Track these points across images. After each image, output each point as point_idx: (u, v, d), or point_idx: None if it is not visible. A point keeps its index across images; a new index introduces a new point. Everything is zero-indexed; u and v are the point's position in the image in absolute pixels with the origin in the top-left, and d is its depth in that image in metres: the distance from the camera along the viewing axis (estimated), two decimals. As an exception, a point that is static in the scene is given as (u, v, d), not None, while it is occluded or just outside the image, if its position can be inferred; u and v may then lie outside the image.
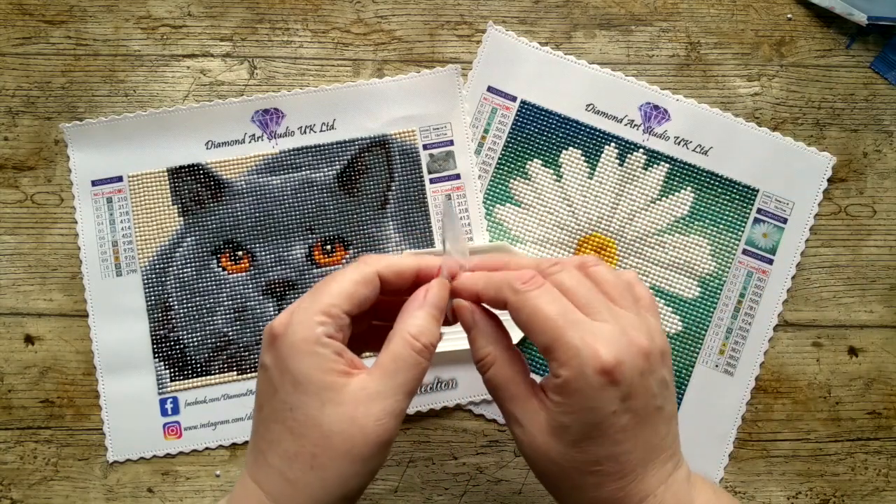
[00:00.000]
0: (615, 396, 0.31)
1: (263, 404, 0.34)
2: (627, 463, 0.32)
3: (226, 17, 0.52)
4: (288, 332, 0.33)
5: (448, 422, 0.50)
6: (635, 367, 0.31)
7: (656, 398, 0.33)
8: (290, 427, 0.32)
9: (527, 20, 0.52)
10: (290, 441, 0.32)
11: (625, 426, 0.32)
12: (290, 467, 0.32)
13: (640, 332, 0.32)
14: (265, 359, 0.33)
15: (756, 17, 0.52)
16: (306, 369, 0.32)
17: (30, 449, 0.49)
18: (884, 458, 0.50)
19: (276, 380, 0.33)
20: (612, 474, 0.32)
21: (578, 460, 0.32)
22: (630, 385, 0.31)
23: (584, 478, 0.33)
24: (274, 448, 0.33)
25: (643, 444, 0.33)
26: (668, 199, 0.51)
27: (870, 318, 0.50)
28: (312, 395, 0.32)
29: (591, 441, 0.32)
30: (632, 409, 0.32)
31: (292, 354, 0.32)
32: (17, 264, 0.50)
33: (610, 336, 0.31)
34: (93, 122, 0.50)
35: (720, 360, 0.50)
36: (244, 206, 0.50)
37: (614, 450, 0.32)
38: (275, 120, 0.51)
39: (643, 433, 0.32)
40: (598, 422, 0.31)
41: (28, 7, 0.52)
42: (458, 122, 0.51)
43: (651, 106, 0.51)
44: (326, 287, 0.34)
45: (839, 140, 0.51)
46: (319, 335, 0.32)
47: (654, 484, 0.33)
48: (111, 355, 0.49)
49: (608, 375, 0.31)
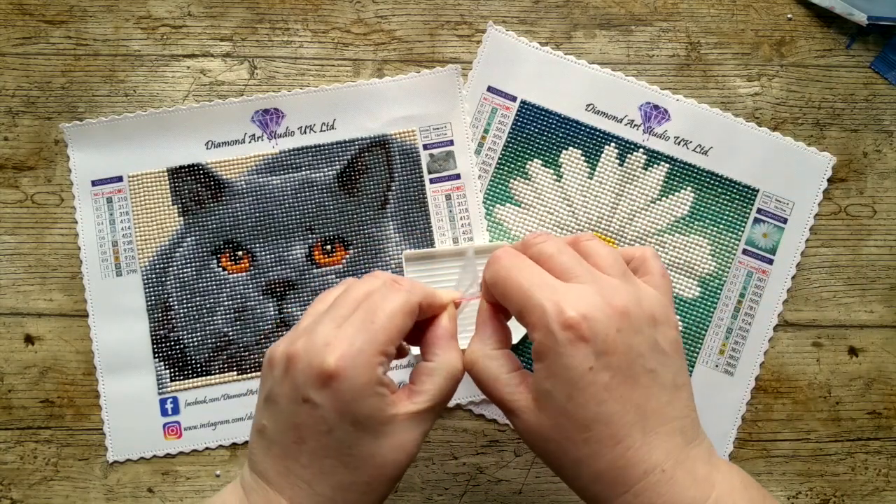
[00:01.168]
0: (588, 352, 0.31)
1: (308, 438, 0.33)
2: (620, 426, 0.31)
3: (226, 17, 0.52)
4: (348, 375, 0.32)
5: (448, 422, 0.50)
6: (609, 323, 0.31)
7: (644, 358, 0.32)
8: (346, 462, 0.33)
9: (527, 20, 0.52)
10: (345, 474, 0.33)
11: (607, 384, 0.31)
12: (342, 496, 0.34)
13: (620, 295, 0.32)
14: (314, 396, 0.33)
15: (756, 17, 0.52)
16: (368, 411, 0.33)
17: (30, 449, 0.49)
18: (884, 458, 0.50)
19: (332, 420, 0.33)
20: (605, 440, 0.31)
21: (568, 428, 0.32)
22: (604, 341, 0.31)
23: (579, 449, 0.32)
24: (326, 479, 0.34)
25: (634, 408, 0.32)
26: (668, 199, 0.51)
27: (870, 318, 0.50)
28: (370, 432, 0.33)
29: (573, 402, 0.31)
30: (611, 366, 0.31)
31: (355, 398, 0.33)
32: (17, 264, 0.50)
33: (580, 294, 0.32)
34: (93, 122, 0.50)
35: (720, 360, 0.50)
36: (244, 206, 0.50)
37: (600, 410, 0.31)
38: (275, 120, 0.51)
39: (632, 394, 0.31)
40: (576, 380, 0.31)
41: (28, 7, 0.52)
42: (458, 122, 0.51)
43: (651, 106, 0.51)
44: (380, 322, 0.34)
45: (839, 140, 0.51)
46: (381, 377, 0.33)
47: (660, 455, 0.31)
48: (111, 355, 0.49)
49: (573, 330, 0.31)
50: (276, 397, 0.34)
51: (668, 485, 0.31)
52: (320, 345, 0.33)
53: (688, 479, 0.31)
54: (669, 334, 0.34)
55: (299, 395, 0.33)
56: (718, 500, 0.31)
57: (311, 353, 0.33)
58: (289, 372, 0.34)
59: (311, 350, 0.33)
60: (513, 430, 0.49)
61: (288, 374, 0.34)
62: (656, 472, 0.31)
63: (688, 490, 0.31)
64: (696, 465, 0.32)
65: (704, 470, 0.32)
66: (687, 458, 0.32)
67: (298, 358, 0.33)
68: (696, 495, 0.31)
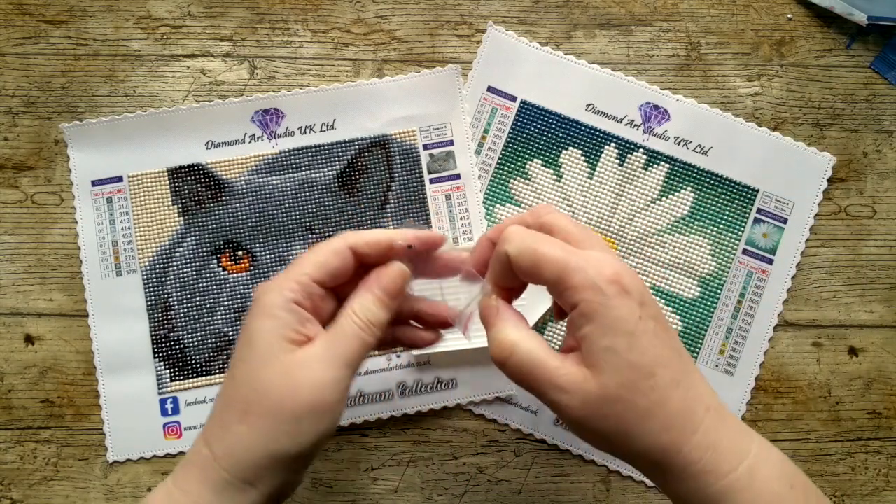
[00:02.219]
0: (634, 303, 0.32)
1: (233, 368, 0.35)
2: (676, 369, 0.32)
3: (226, 17, 0.52)
4: (261, 295, 0.35)
5: (448, 422, 0.50)
6: (636, 279, 0.33)
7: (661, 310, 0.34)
8: (233, 374, 0.34)
9: (527, 20, 0.52)
10: (230, 388, 0.34)
11: (655, 330, 0.32)
12: (223, 412, 0.34)
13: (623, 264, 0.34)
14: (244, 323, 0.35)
15: (756, 17, 0.52)
16: (261, 329, 0.34)
17: (30, 449, 0.49)
18: (884, 458, 0.50)
19: (240, 335, 0.35)
20: (669, 384, 0.32)
21: (636, 379, 0.32)
22: (640, 294, 0.32)
23: (648, 397, 0.32)
24: (219, 399, 0.35)
25: (677, 352, 0.33)
26: (668, 199, 0.51)
27: (870, 318, 0.50)
28: (259, 353, 0.34)
29: (636, 351, 0.32)
30: (652, 315, 0.32)
31: (257, 314, 0.34)
32: (17, 264, 0.50)
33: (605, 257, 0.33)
34: (93, 122, 0.50)
35: (720, 360, 0.50)
36: (244, 206, 0.50)
37: (658, 353, 0.32)
38: (275, 120, 0.51)
39: (672, 340, 0.33)
40: (631, 329, 0.32)
41: (28, 7, 0.52)
42: (458, 122, 0.51)
43: (651, 106, 0.51)
44: (304, 258, 0.36)
45: (839, 140, 0.51)
46: (286, 300, 0.34)
47: (707, 394, 0.33)
48: (111, 355, 0.49)
49: (618, 284, 0.32)
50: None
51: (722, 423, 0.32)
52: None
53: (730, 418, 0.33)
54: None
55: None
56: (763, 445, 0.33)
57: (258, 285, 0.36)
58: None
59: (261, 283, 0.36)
60: (514, 429, 0.49)
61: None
62: (711, 411, 0.32)
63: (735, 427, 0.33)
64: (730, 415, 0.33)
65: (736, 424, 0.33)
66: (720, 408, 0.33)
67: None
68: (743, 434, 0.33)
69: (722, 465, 0.31)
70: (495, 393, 0.49)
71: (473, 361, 0.49)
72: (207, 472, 0.33)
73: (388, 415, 0.49)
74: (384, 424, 0.49)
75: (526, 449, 0.49)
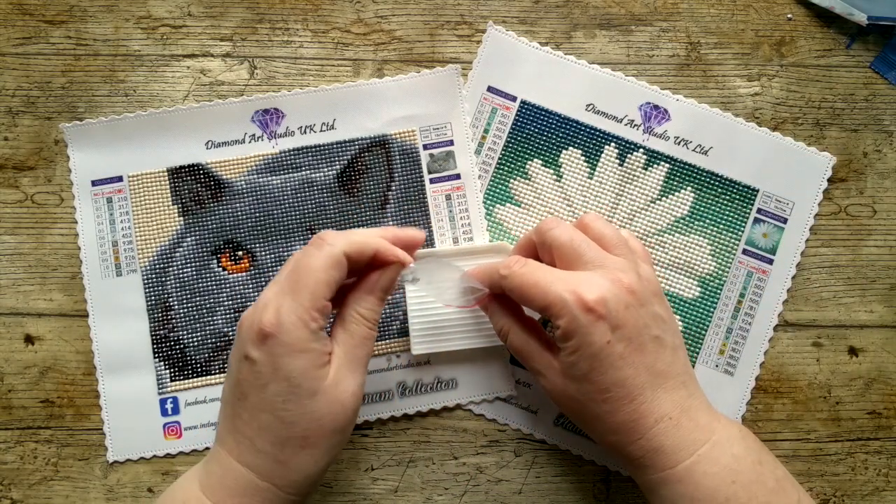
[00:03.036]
0: (605, 329, 0.36)
1: (249, 394, 0.36)
2: (634, 386, 0.36)
3: (226, 17, 0.52)
4: (282, 333, 0.35)
5: (448, 422, 0.50)
6: (619, 301, 0.36)
7: (650, 328, 0.37)
8: (282, 417, 0.35)
9: (527, 20, 0.52)
10: (282, 429, 0.35)
11: (622, 353, 0.36)
12: (281, 451, 0.35)
13: (626, 273, 0.38)
14: (252, 353, 0.35)
15: (756, 17, 0.52)
16: (301, 367, 0.35)
17: (30, 449, 0.49)
18: (884, 458, 0.50)
19: (268, 375, 0.35)
20: (622, 398, 0.36)
21: (591, 391, 0.37)
22: (617, 317, 0.36)
23: (599, 406, 0.37)
24: (264, 435, 0.35)
25: (646, 369, 0.37)
26: (668, 199, 0.51)
27: (870, 318, 0.50)
28: (305, 388, 0.35)
29: (595, 371, 0.36)
30: (625, 337, 0.36)
31: (287, 353, 0.35)
32: (17, 264, 0.50)
33: (591, 279, 0.37)
34: (93, 122, 0.50)
35: (720, 360, 0.50)
36: (244, 206, 0.50)
37: (617, 375, 0.36)
38: (275, 120, 0.51)
39: (643, 359, 0.37)
40: (597, 352, 0.36)
41: (28, 7, 0.52)
42: (458, 122, 0.51)
43: (651, 106, 0.51)
44: (304, 280, 0.36)
45: (839, 140, 0.51)
46: (313, 332, 0.35)
47: (668, 406, 0.37)
48: (111, 355, 0.49)
49: (593, 312, 0.36)
50: (230, 359, 0.37)
51: (675, 429, 0.36)
52: (260, 307, 0.36)
53: (691, 424, 0.37)
54: (664, 303, 0.40)
55: (242, 353, 0.36)
56: (717, 442, 0.37)
57: (253, 315, 0.36)
58: (238, 334, 0.37)
59: (254, 312, 0.36)
60: (514, 429, 0.49)
61: (238, 337, 0.37)
62: (665, 420, 0.37)
63: (691, 433, 0.37)
64: (699, 413, 0.37)
65: (706, 418, 0.37)
66: (690, 407, 0.37)
67: (244, 320, 0.36)
68: (698, 437, 0.36)
69: (662, 462, 0.36)
70: (495, 393, 0.49)
71: (473, 361, 0.49)
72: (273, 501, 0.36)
73: (388, 415, 0.49)
74: (384, 424, 0.49)
75: (526, 449, 0.49)
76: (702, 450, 0.36)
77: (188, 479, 0.38)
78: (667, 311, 0.40)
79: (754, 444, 0.38)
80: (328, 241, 0.37)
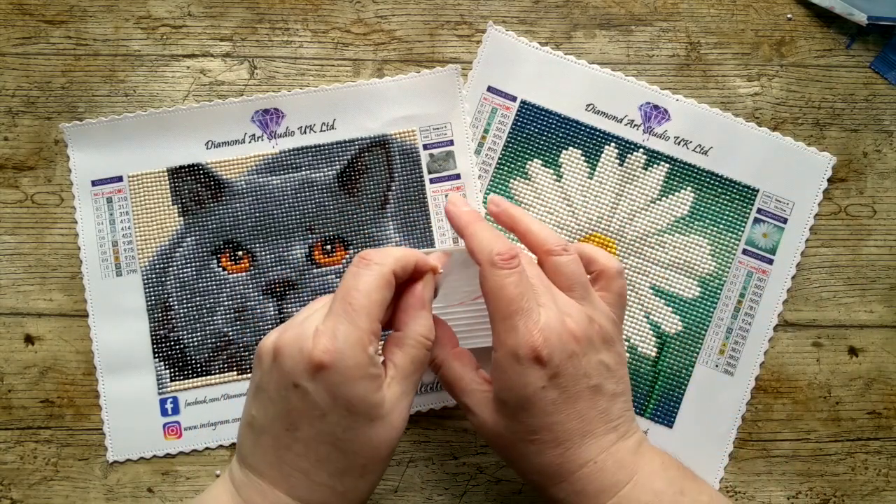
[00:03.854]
0: (542, 375, 0.35)
1: (301, 425, 0.34)
2: (562, 432, 0.36)
3: (226, 17, 0.52)
4: (340, 360, 0.33)
5: (448, 422, 0.50)
6: (564, 350, 0.35)
7: (590, 377, 0.36)
8: (341, 447, 0.34)
9: (527, 20, 0.52)
10: (341, 459, 0.34)
11: (554, 400, 0.36)
12: (341, 482, 0.34)
13: (574, 319, 0.36)
14: (304, 383, 0.33)
15: (756, 17, 0.52)
16: (361, 394, 0.34)
17: (30, 449, 0.49)
18: (884, 458, 0.50)
19: (325, 405, 0.33)
20: (549, 442, 0.36)
21: (518, 430, 0.36)
22: (557, 366, 0.35)
23: (526, 446, 0.37)
24: (322, 467, 0.34)
25: (577, 417, 0.36)
26: (668, 199, 0.51)
27: (870, 318, 0.50)
28: (364, 415, 0.34)
29: (525, 412, 0.36)
30: (560, 386, 0.36)
31: (346, 381, 0.33)
32: (17, 264, 0.50)
33: (547, 323, 0.35)
34: (93, 122, 0.50)
35: (720, 360, 0.50)
36: (244, 206, 0.50)
37: (546, 420, 0.36)
38: (275, 120, 0.51)
39: (576, 407, 0.36)
40: (528, 395, 0.35)
41: (28, 7, 0.52)
42: (458, 122, 0.51)
43: (651, 106, 0.51)
44: (358, 302, 0.34)
45: (839, 140, 0.51)
46: (371, 357, 0.34)
47: (594, 451, 0.36)
48: (111, 355, 0.49)
49: (536, 358, 0.35)
50: (265, 386, 0.35)
51: (598, 473, 0.36)
52: (308, 334, 0.34)
53: (615, 466, 0.36)
54: (614, 350, 0.38)
55: (289, 381, 0.34)
56: (638, 481, 0.36)
57: (300, 343, 0.34)
58: (277, 361, 0.34)
59: (300, 340, 0.34)
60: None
61: (276, 364, 0.34)
62: (589, 465, 0.36)
63: (614, 475, 0.36)
64: (625, 455, 0.37)
65: (631, 458, 0.37)
66: (617, 451, 0.37)
67: (287, 347, 0.34)
68: (620, 479, 0.36)
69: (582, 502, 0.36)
70: (495, 393, 0.49)
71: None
72: None
73: (388, 415, 0.49)
74: (384, 424, 0.49)
75: (526, 449, 0.49)
76: (623, 490, 0.36)
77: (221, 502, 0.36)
78: (616, 358, 0.38)
79: (677, 472, 0.38)
80: (375, 260, 0.36)
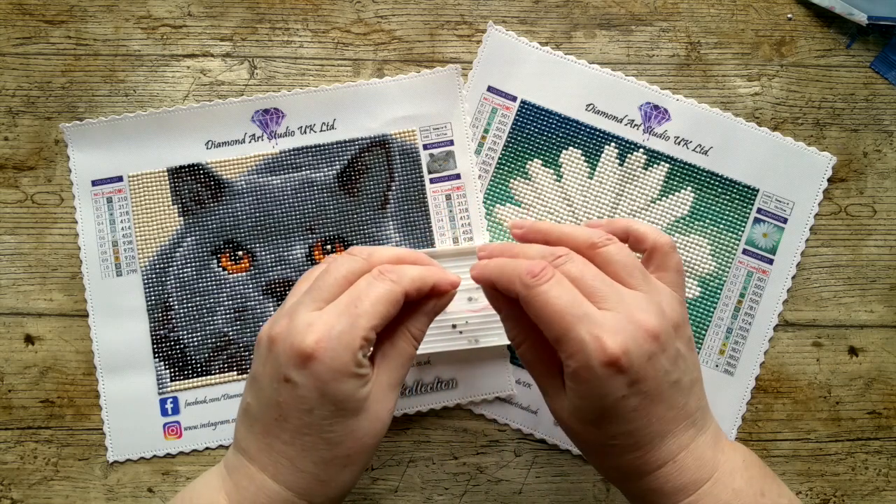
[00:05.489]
0: (623, 383, 0.33)
1: (290, 416, 0.35)
2: (642, 437, 0.34)
3: (226, 17, 0.52)
4: (327, 356, 0.34)
5: (448, 422, 0.50)
6: (642, 353, 0.33)
7: (669, 374, 0.34)
8: (327, 439, 0.35)
9: (527, 20, 0.52)
10: (326, 450, 0.35)
11: (636, 407, 0.34)
12: (324, 471, 0.35)
13: (647, 313, 0.34)
14: (294, 376, 0.34)
15: (756, 17, 0.52)
16: (348, 391, 0.34)
17: (30, 449, 0.49)
18: (884, 458, 0.50)
19: (313, 399, 0.34)
20: (629, 447, 0.35)
21: (596, 435, 0.35)
22: (637, 371, 0.33)
23: (604, 449, 0.36)
24: (307, 456, 0.35)
25: (657, 420, 0.34)
26: (668, 199, 0.51)
27: (870, 318, 0.50)
28: (350, 409, 0.35)
29: (604, 421, 0.34)
30: (641, 391, 0.33)
31: (334, 378, 0.34)
32: (17, 264, 0.50)
33: (615, 325, 0.33)
34: (93, 122, 0.50)
35: (720, 359, 0.50)
36: (244, 206, 0.50)
37: (627, 427, 0.34)
38: (275, 120, 0.51)
39: (656, 410, 0.34)
40: (609, 406, 0.33)
41: (28, 7, 0.52)
42: (458, 122, 0.51)
43: (651, 106, 0.51)
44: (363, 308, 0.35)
45: (839, 140, 0.51)
46: (359, 359, 0.34)
47: (673, 450, 0.35)
48: (111, 355, 0.49)
49: (614, 366, 0.32)
50: (260, 376, 0.36)
51: (678, 472, 0.35)
52: (301, 326, 0.34)
53: (695, 463, 0.35)
54: (685, 334, 0.36)
55: (281, 374, 0.34)
56: (719, 479, 0.35)
57: (292, 335, 0.34)
58: (271, 352, 0.35)
59: (292, 331, 0.34)
60: (514, 429, 0.49)
61: (270, 354, 0.35)
62: (668, 465, 0.35)
63: (694, 473, 0.35)
64: (704, 451, 0.35)
65: (710, 453, 0.35)
66: (697, 447, 0.35)
67: (280, 339, 0.35)
68: (699, 476, 0.35)
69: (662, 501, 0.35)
70: (495, 393, 0.49)
71: (473, 361, 0.49)
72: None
73: (388, 415, 0.49)
74: (384, 424, 0.49)
75: (526, 449, 0.49)
76: (703, 488, 0.35)
77: (211, 487, 0.37)
78: (687, 343, 0.36)
79: (758, 472, 0.36)
80: (392, 277, 0.36)
